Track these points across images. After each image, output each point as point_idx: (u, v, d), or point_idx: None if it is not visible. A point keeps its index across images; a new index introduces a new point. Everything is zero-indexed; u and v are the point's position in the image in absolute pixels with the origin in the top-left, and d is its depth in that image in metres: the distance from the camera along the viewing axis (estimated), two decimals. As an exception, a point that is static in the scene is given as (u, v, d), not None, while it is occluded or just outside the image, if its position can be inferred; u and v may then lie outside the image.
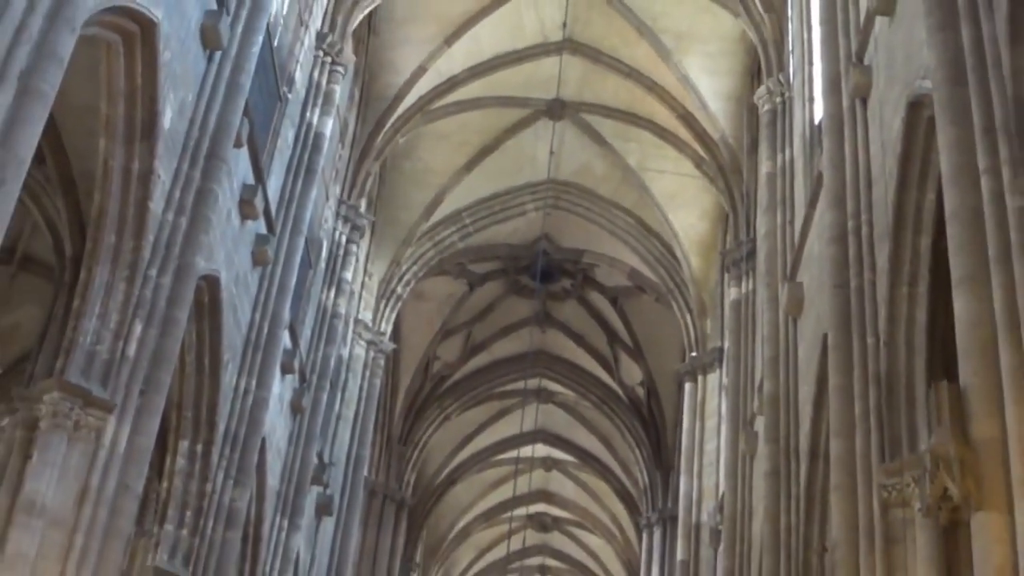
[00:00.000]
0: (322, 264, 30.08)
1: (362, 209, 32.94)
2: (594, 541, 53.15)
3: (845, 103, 18.70)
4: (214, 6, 19.43)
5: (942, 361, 14.62)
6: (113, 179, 17.75)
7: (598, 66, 33.07)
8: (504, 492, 50.32)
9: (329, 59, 27.58)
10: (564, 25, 32.14)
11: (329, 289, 31.10)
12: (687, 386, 35.33)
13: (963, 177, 12.40)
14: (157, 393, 17.98)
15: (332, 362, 31.43)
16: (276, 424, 26.30)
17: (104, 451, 16.88)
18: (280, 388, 25.88)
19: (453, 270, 39.48)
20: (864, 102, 18.20)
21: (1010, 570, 9.99)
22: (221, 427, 22.28)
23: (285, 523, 27.89)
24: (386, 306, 36.22)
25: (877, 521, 15.09)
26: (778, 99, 26.42)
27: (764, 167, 26.70)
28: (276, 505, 27.23)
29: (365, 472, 37.22)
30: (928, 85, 13.79)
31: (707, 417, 33.31)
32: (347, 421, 33.82)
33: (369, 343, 35.23)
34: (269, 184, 23.76)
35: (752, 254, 28.09)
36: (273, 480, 26.71)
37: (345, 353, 32.92)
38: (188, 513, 21.44)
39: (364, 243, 33.94)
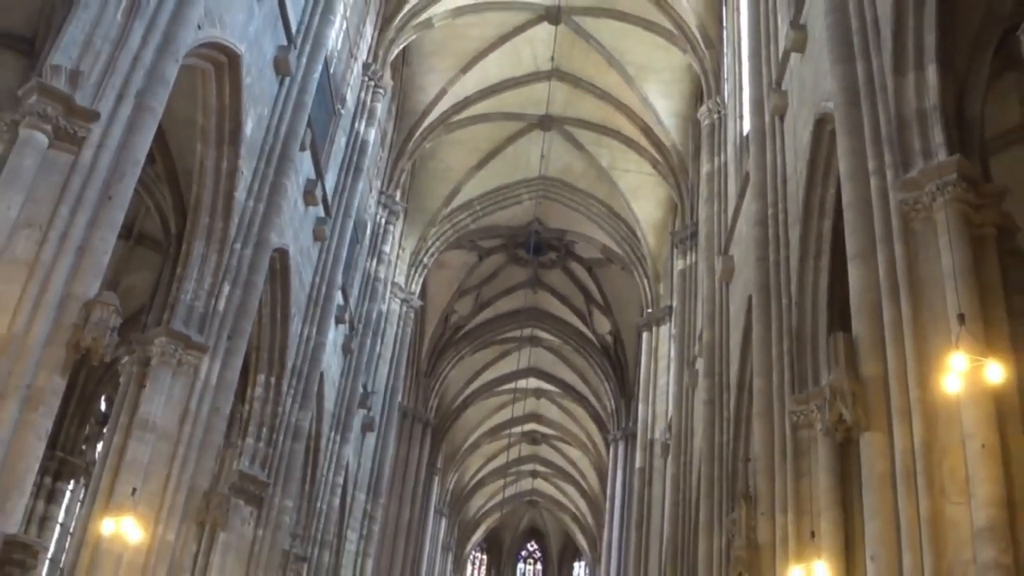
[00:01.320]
0: (367, 240, 30.10)
1: (397, 198, 32.93)
2: (573, 452, 52.74)
3: (767, 119, 18.63)
4: (284, 42, 19.74)
5: (839, 317, 14.34)
6: (207, 175, 17.95)
7: (578, 90, 33.01)
8: (504, 415, 49.82)
9: (372, 83, 27.49)
10: (552, 58, 32.08)
11: (372, 259, 31.01)
12: (644, 335, 35.32)
13: (856, 176, 12.62)
14: (240, 338, 18.19)
15: (374, 315, 31.40)
16: (331, 362, 26.43)
17: (200, 382, 17.00)
18: (334, 335, 25.98)
19: (466, 245, 39.34)
20: (781, 119, 18.11)
21: (889, 476, 10.51)
22: (289, 364, 22.36)
23: (338, 437, 27.90)
24: (415, 272, 36.20)
25: (788, 439, 15.05)
26: (715, 116, 26.25)
27: (704, 168, 26.62)
28: (331, 424, 27.32)
29: (399, 398, 37.19)
30: (830, 106, 13.93)
31: (659, 359, 33.18)
32: (385, 360, 33.74)
33: (402, 301, 35.24)
34: (326, 179, 23.93)
35: (695, 234, 27.99)
36: (329, 404, 26.86)
37: (384, 308, 32.81)
38: (264, 430, 21.52)
39: (399, 224, 33.82)
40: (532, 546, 64.09)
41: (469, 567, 61.73)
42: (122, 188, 12.91)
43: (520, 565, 63.58)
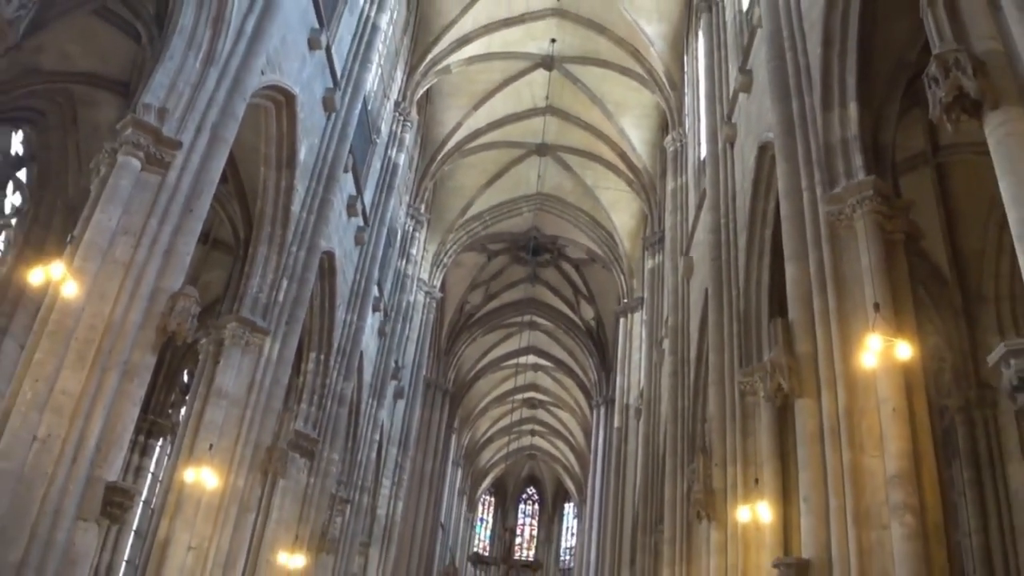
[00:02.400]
0: (397, 244, 30.08)
1: (422, 210, 33.03)
2: (564, 415, 52.65)
3: (720, 146, 18.64)
4: (331, 84, 19.78)
5: (778, 306, 14.25)
6: (269, 192, 17.93)
7: (567, 123, 32.93)
8: (508, 385, 49.54)
9: (402, 118, 27.57)
10: (547, 97, 32.06)
11: (402, 259, 31.06)
12: (621, 320, 35.26)
13: (792, 193, 12.57)
14: (296, 323, 18.14)
15: (403, 304, 31.47)
16: (369, 342, 26.46)
17: (263, 359, 16.99)
18: (371, 320, 26.01)
19: (478, 248, 39.23)
20: (731, 146, 18.13)
21: (818, 434, 10.50)
22: (335, 344, 22.41)
23: (374, 403, 27.90)
24: (437, 270, 36.21)
25: (737, 404, 15.15)
26: (678, 144, 26.26)
27: (669, 186, 26.55)
28: (369, 392, 27.32)
29: (424, 372, 37.20)
30: (771, 136, 13.88)
31: (633, 340, 33.09)
32: (412, 341, 33.76)
33: (426, 293, 35.25)
34: (365, 195, 23.96)
35: (662, 240, 27.79)
36: (367, 376, 26.88)
37: (412, 299, 32.81)
38: (315, 396, 21.56)
39: (423, 231, 33.91)
40: (531, 491, 64.11)
41: (480, 508, 61.68)
42: (200, 203, 12.94)
43: (521, 506, 63.59)
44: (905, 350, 9.48)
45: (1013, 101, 6.90)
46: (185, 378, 26.52)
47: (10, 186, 18.48)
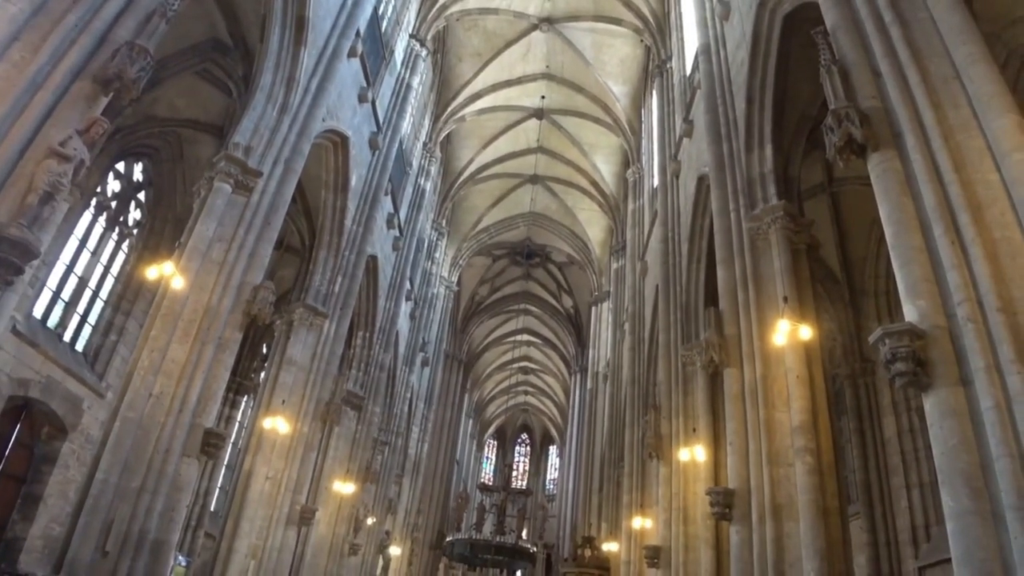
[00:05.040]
0: (424, 250, 29.93)
1: (443, 225, 32.87)
2: (549, 379, 52.46)
3: (668, 177, 18.46)
4: (375, 129, 19.75)
5: (711, 298, 14.20)
6: (328, 210, 17.85)
7: (554, 159, 32.73)
8: (508, 356, 49.41)
9: (428, 154, 27.50)
10: (538, 140, 31.98)
11: (428, 261, 30.96)
12: (593, 309, 35.18)
13: (722, 213, 12.52)
14: (348, 309, 18.07)
15: (429, 295, 31.46)
16: (403, 324, 26.37)
17: (323, 336, 16.90)
18: (405, 307, 26.03)
19: (485, 253, 39.09)
20: (677, 177, 17.95)
21: (740, 395, 10.49)
22: (377, 325, 22.30)
23: (407, 369, 27.92)
24: (455, 269, 36.14)
25: (680, 372, 15.04)
26: (637, 175, 26.13)
27: (630, 207, 26.50)
28: (403, 361, 27.31)
29: (444, 346, 37.13)
30: (707, 170, 13.81)
31: (602, 323, 33.01)
32: (436, 323, 33.75)
33: (446, 287, 35.20)
34: (400, 212, 23.91)
35: (624, 248, 27.73)
36: (402, 349, 26.81)
37: (435, 291, 32.81)
38: (362, 364, 21.42)
39: (444, 240, 33.84)
40: (524, 436, 63.89)
41: (486, 448, 61.60)
42: (276, 217, 12.87)
43: (517, 448, 63.41)
44: (806, 332, 9.49)
45: (889, 145, 6.90)
46: (264, 350, 26.52)
47: (132, 204, 18.48)
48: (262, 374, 22.01)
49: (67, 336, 16.63)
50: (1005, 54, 10.33)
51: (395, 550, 29.66)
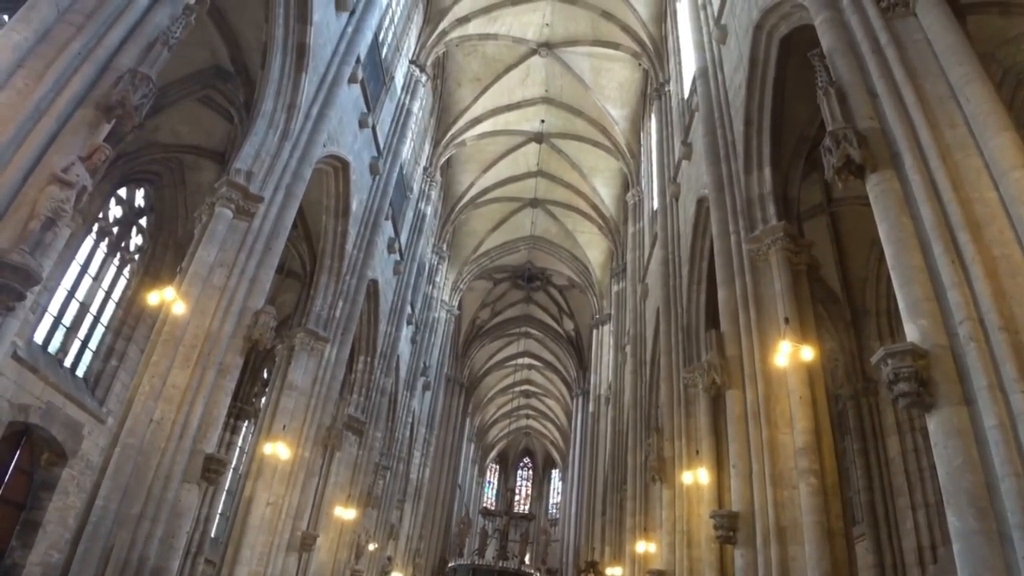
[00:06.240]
0: (426, 274, 29.86)
1: (444, 248, 32.87)
2: (551, 403, 52.37)
3: (668, 200, 18.46)
4: (375, 154, 19.71)
5: (712, 320, 14.19)
6: (329, 235, 17.79)
7: (553, 182, 32.82)
8: (509, 380, 49.29)
9: (429, 179, 27.57)
10: (537, 164, 32.06)
11: (429, 285, 30.87)
12: (594, 331, 35.02)
13: (722, 234, 12.49)
14: (349, 334, 17.97)
15: (430, 319, 31.33)
16: (404, 348, 26.28)
17: (324, 360, 16.81)
18: (406, 331, 25.94)
19: (486, 277, 39.09)
20: (677, 200, 17.95)
21: (743, 416, 10.40)
22: (378, 350, 22.18)
23: (408, 394, 27.74)
24: (455, 293, 36.09)
25: (682, 394, 14.96)
26: (637, 198, 26.17)
27: (630, 229, 26.50)
28: (404, 385, 27.14)
29: (445, 370, 37.00)
30: (706, 192, 13.79)
31: (603, 345, 32.86)
32: (437, 347, 33.60)
33: (447, 311, 35.10)
34: (401, 237, 23.88)
35: (624, 270, 27.74)
36: (403, 374, 26.66)
37: (436, 315, 32.70)
38: (363, 389, 21.30)
39: (445, 264, 33.82)
40: (526, 460, 63.54)
41: (488, 473, 61.24)
42: (277, 242, 12.85)
43: (519, 472, 63.05)
44: (808, 353, 9.41)
45: (887, 165, 6.92)
46: (265, 374, 26.43)
47: (134, 230, 18.53)
48: (263, 399, 21.93)
49: (68, 362, 16.59)
50: (1000, 73, 10.38)
51: (397, 576, 29.40)
